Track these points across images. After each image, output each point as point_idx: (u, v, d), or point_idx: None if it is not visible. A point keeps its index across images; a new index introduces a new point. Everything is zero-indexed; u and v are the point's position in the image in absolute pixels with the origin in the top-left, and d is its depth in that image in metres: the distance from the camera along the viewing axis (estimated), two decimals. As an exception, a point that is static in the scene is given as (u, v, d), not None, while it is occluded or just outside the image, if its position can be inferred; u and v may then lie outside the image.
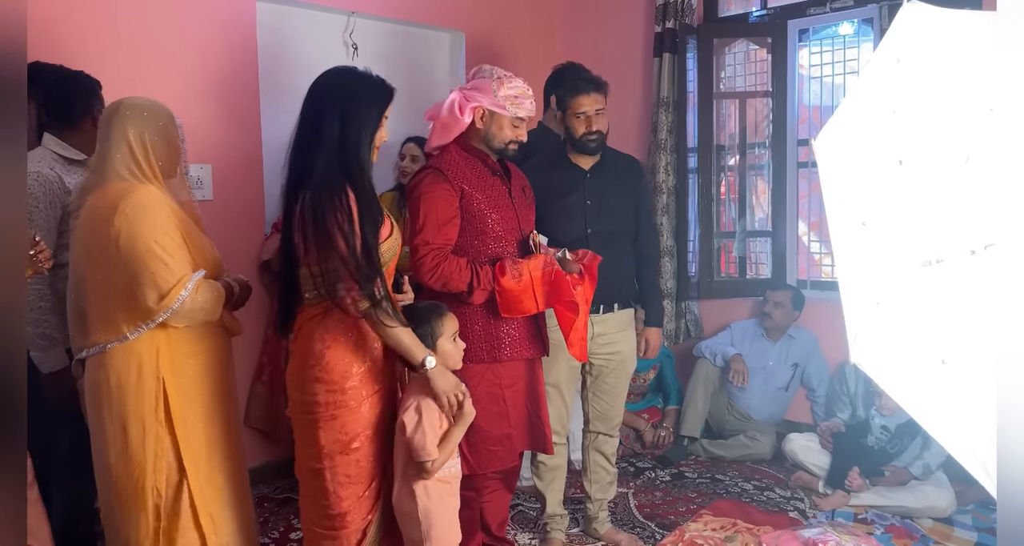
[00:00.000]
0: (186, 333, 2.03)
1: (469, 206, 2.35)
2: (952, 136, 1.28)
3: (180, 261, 1.96)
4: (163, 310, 1.92)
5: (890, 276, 1.32)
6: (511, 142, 2.41)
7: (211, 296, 2.02)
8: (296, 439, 2.02)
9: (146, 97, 2.08)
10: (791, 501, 3.32)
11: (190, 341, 2.05)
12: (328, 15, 3.78)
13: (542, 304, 2.33)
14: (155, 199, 1.98)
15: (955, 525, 3.05)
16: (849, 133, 1.43)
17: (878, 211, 1.36)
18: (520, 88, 2.37)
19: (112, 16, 2.96)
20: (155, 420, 1.98)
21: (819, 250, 4.28)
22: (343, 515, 1.96)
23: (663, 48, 4.20)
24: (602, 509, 2.96)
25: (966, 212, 1.25)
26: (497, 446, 2.39)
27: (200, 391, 2.07)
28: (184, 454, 2.01)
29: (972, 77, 1.29)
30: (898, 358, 1.30)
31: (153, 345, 1.98)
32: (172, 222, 1.98)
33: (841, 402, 3.66)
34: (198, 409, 2.06)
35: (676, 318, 4.27)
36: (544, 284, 2.31)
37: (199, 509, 2.02)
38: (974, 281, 1.21)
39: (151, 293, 1.91)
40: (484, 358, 2.36)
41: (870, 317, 1.33)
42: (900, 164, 1.32)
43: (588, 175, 2.75)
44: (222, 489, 2.11)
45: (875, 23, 3.73)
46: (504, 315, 2.33)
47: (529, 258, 2.35)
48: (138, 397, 1.97)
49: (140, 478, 1.98)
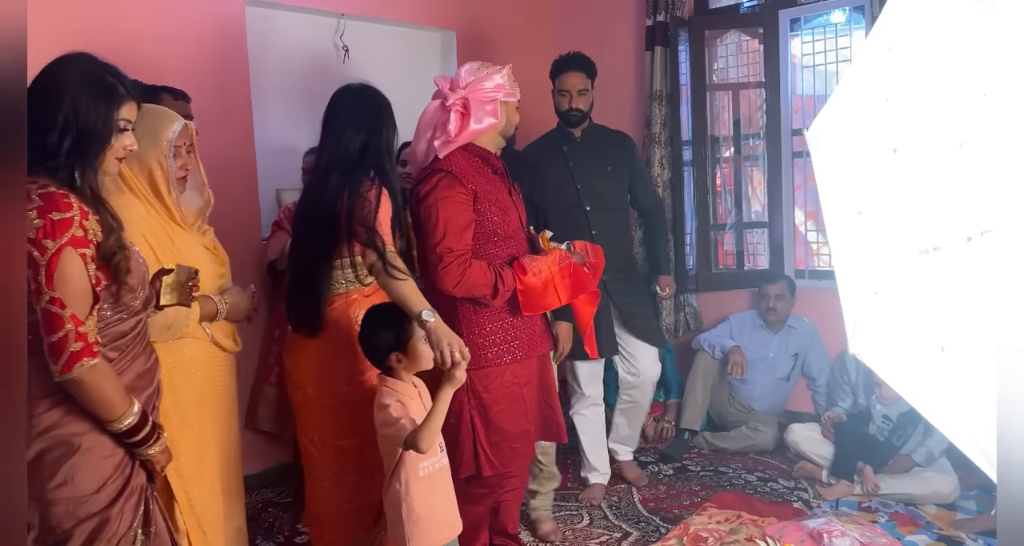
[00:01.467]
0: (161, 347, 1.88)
1: (482, 207, 2.31)
2: (946, 122, 1.28)
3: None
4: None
5: (887, 265, 1.31)
6: (515, 125, 2.48)
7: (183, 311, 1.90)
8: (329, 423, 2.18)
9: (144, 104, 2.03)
10: (795, 491, 3.32)
11: (174, 355, 1.95)
12: (318, 17, 3.77)
13: (564, 298, 2.34)
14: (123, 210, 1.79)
15: (959, 511, 3.05)
16: (842, 122, 1.42)
17: (873, 200, 1.35)
18: (507, 74, 2.40)
19: (103, 20, 2.95)
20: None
21: (816, 239, 4.28)
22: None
23: (655, 41, 4.19)
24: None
25: (962, 199, 1.24)
26: (517, 443, 2.40)
27: (190, 406, 1.98)
28: (171, 476, 1.91)
29: (965, 62, 1.28)
30: (897, 347, 1.29)
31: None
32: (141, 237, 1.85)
33: (842, 391, 3.66)
34: (190, 426, 1.97)
35: (675, 311, 4.27)
36: (564, 277, 2.32)
37: (189, 525, 1.96)
38: (971, 268, 1.20)
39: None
40: (505, 359, 2.34)
41: (868, 307, 1.32)
42: (894, 152, 1.32)
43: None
44: (216, 504, 2.05)
45: (866, 11, 3.72)
46: (526, 313, 2.33)
47: (545, 254, 2.36)
48: None
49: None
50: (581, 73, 3.16)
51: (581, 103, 3.17)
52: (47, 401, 1.54)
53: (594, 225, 3.15)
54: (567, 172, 3.15)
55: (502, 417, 2.32)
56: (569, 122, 3.21)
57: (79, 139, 1.54)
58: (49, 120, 1.52)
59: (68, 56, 1.59)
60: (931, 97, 1.31)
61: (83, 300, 1.50)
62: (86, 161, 1.56)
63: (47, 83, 1.55)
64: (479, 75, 2.35)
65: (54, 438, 1.54)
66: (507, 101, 2.38)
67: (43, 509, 1.54)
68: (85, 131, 1.54)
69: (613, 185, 3.24)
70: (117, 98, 1.59)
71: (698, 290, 4.27)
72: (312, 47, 3.78)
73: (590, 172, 3.18)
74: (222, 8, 3.32)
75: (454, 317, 2.27)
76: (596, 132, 3.28)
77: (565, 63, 3.19)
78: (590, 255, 2.48)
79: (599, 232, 3.14)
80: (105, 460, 1.58)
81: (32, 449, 1.53)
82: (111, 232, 1.57)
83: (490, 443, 2.31)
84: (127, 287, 1.60)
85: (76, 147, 1.54)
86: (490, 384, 2.31)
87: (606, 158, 3.22)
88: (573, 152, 3.20)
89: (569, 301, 2.38)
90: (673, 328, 4.28)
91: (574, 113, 3.17)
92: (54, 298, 1.46)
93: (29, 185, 1.49)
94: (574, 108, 3.16)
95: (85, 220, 1.51)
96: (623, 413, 3.43)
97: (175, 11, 3.16)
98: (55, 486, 1.53)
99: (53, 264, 1.45)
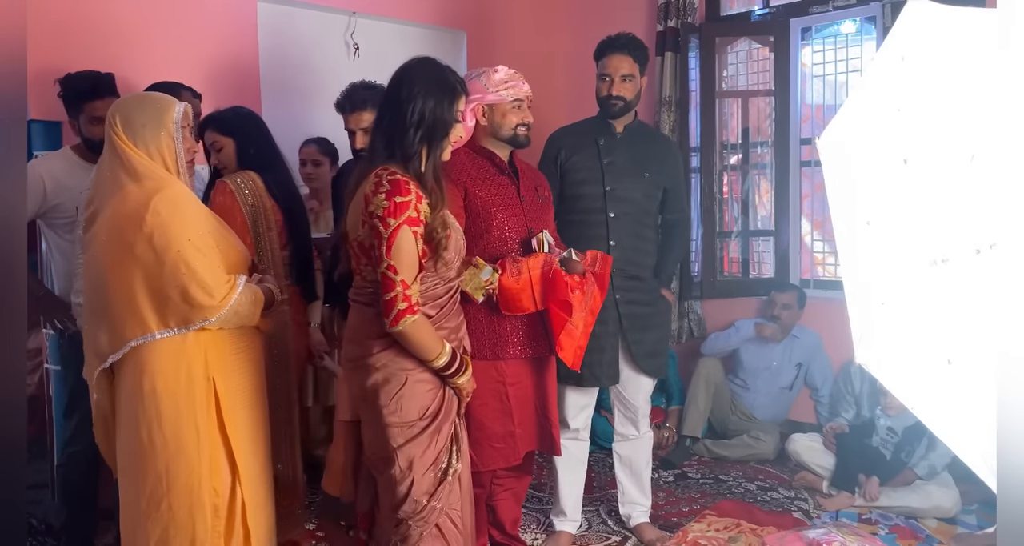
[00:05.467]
0: (228, 332, 2.03)
1: (474, 205, 2.36)
2: (957, 134, 1.27)
3: (219, 262, 1.95)
4: (216, 312, 1.91)
5: (895, 276, 1.31)
6: (519, 125, 2.41)
7: (250, 300, 2.01)
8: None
9: (141, 92, 2.05)
10: (795, 501, 3.31)
11: (233, 339, 2.05)
12: (329, 15, 3.78)
13: (539, 303, 2.31)
14: (185, 197, 1.95)
15: (960, 525, 3.04)
16: (853, 132, 1.42)
17: (883, 210, 1.35)
18: (507, 72, 2.39)
19: (113, 18, 2.96)
20: (208, 423, 1.98)
21: (822, 249, 4.27)
22: None
23: (665, 47, 4.19)
24: None
25: (972, 211, 1.23)
26: (500, 443, 2.38)
27: (244, 389, 2.09)
28: (236, 453, 2.03)
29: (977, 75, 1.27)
30: (904, 358, 1.29)
31: (200, 347, 1.96)
32: (203, 220, 1.97)
33: (845, 402, 3.65)
34: (244, 408, 2.09)
35: (679, 318, 4.26)
36: (542, 283, 2.29)
37: (248, 506, 2.05)
38: (980, 280, 1.20)
39: (199, 294, 1.88)
40: (487, 355, 2.35)
41: (875, 317, 1.32)
42: (905, 163, 1.31)
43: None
44: (262, 486, 2.15)
45: (877, 21, 3.71)
46: (504, 313, 2.33)
47: (529, 257, 2.34)
48: (190, 401, 1.95)
49: (197, 483, 1.96)
50: (627, 56, 2.74)
51: (624, 91, 2.73)
52: (381, 342, 1.92)
53: (614, 235, 2.71)
54: (598, 169, 2.73)
55: (483, 413, 2.32)
56: (609, 112, 2.76)
57: (430, 131, 1.91)
58: (404, 118, 1.89)
59: (414, 61, 1.99)
60: (943, 109, 1.31)
61: (411, 268, 1.86)
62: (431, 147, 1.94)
63: (399, 88, 1.93)
64: (469, 81, 2.37)
65: (389, 372, 1.92)
66: (493, 103, 2.37)
67: (378, 430, 1.94)
68: (435, 123, 1.92)
69: (646, 195, 2.79)
70: (457, 94, 1.97)
71: (703, 297, 4.26)
72: (323, 45, 3.79)
73: (624, 175, 2.74)
74: (234, 6, 3.33)
75: None
76: (640, 130, 2.86)
77: (610, 44, 2.78)
78: (597, 266, 2.43)
79: (618, 244, 2.71)
80: (427, 393, 1.95)
81: (372, 378, 1.93)
82: (436, 212, 1.90)
83: (471, 439, 2.30)
84: (443, 261, 1.94)
85: (426, 137, 1.91)
86: (473, 377, 2.30)
87: (646, 162, 2.78)
88: (610, 148, 2.76)
89: (543, 307, 2.33)
90: (676, 335, 4.27)
91: (615, 101, 2.73)
92: (390, 265, 1.83)
93: (380, 171, 1.86)
94: (615, 95, 2.72)
95: (419, 204, 1.86)
96: (624, 465, 2.96)
97: (187, 8, 3.17)
98: (389, 413, 1.92)
99: (392, 238, 1.82)
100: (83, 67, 2.56)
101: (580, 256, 2.40)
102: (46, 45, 2.71)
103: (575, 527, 2.94)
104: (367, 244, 1.90)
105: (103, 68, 2.62)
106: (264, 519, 2.15)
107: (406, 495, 1.94)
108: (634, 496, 2.98)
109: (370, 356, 1.94)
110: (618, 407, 2.92)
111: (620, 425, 2.93)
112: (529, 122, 2.44)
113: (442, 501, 1.98)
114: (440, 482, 1.98)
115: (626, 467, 2.96)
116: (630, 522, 2.99)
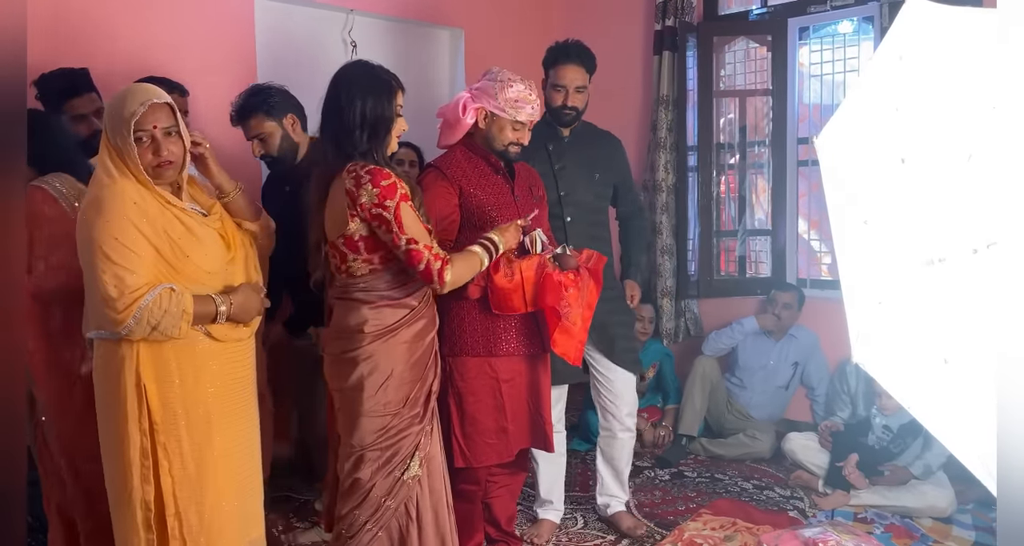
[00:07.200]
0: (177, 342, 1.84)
1: (469, 204, 2.37)
2: (954, 134, 1.27)
3: (136, 267, 1.76)
4: (119, 324, 1.75)
5: (892, 275, 1.31)
6: (511, 144, 2.41)
7: (174, 310, 1.79)
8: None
9: (127, 86, 1.90)
10: (791, 500, 3.31)
11: (185, 350, 1.87)
12: (327, 12, 3.77)
13: (530, 304, 2.31)
14: (116, 196, 1.79)
15: (955, 524, 3.04)
16: (851, 131, 1.42)
17: (880, 210, 1.35)
18: (523, 92, 2.36)
19: (110, 16, 2.95)
20: (138, 430, 1.82)
21: (819, 249, 4.27)
22: None
23: (663, 46, 4.19)
24: None
25: (968, 210, 1.24)
26: (492, 439, 2.39)
27: (203, 405, 1.90)
28: (176, 476, 1.85)
29: (975, 74, 1.28)
30: (900, 357, 1.29)
31: (133, 348, 1.82)
32: (130, 222, 1.77)
33: (841, 401, 3.66)
34: (199, 426, 1.88)
35: (676, 317, 4.26)
36: (534, 285, 2.29)
37: (196, 526, 1.87)
38: (976, 280, 1.20)
39: (103, 302, 1.75)
40: (480, 351, 2.37)
41: (872, 316, 1.32)
42: (902, 162, 1.32)
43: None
44: (230, 511, 1.96)
45: (875, 21, 3.72)
46: (495, 312, 2.33)
47: (525, 257, 2.34)
48: (117, 402, 1.83)
49: (127, 487, 1.84)
50: (581, 67, 2.76)
51: (578, 101, 2.77)
52: (369, 336, 1.99)
53: (571, 238, 2.71)
54: (550, 175, 2.76)
55: (476, 408, 2.35)
56: (561, 121, 2.80)
57: (373, 128, 1.99)
58: (348, 121, 1.97)
59: (348, 65, 2.06)
60: (941, 108, 1.31)
61: (424, 234, 1.98)
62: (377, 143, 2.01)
63: (338, 94, 2.00)
64: (487, 79, 2.39)
65: (375, 363, 2.00)
66: (496, 114, 2.36)
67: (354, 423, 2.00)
68: (376, 121, 1.99)
69: (598, 195, 2.88)
70: (393, 90, 2.04)
71: (699, 296, 4.27)
72: (320, 42, 3.78)
73: (576, 179, 2.80)
74: (231, 4, 3.32)
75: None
76: (585, 132, 2.90)
77: (563, 53, 2.77)
78: (591, 262, 2.45)
79: (577, 246, 2.62)
80: (411, 384, 2.04)
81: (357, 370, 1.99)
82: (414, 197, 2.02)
83: (463, 434, 2.34)
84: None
85: (372, 136, 1.99)
86: (467, 373, 2.36)
87: (595, 164, 2.86)
88: (560, 153, 2.80)
89: (533, 309, 2.33)
90: (673, 333, 4.28)
91: (568, 112, 2.77)
92: (409, 239, 1.92)
93: (351, 168, 1.93)
94: (569, 106, 2.76)
95: (400, 182, 1.95)
96: (605, 460, 3.02)
97: (184, 6, 3.16)
98: (371, 401, 1.99)
99: (398, 215, 1.92)
100: (79, 65, 2.55)
101: (574, 252, 2.41)
102: (40, 43, 2.70)
103: (558, 516, 3.00)
104: (356, 237, 1.96)
105: (101, 66, 2.61)
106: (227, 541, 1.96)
107: (365, 497, 2.00)
108: (612, 489, 3.06)
109: (357, 348, 1.99)
110: (600, 404, 2.99)
111: (603, 421, 3.02)
112: (523, 143, 2.44)
113: (396, 500, 2.02)
114: (398, 481, 2.02)
115: (607, 463, 3.04)
116: (607, 511, 3.05)
